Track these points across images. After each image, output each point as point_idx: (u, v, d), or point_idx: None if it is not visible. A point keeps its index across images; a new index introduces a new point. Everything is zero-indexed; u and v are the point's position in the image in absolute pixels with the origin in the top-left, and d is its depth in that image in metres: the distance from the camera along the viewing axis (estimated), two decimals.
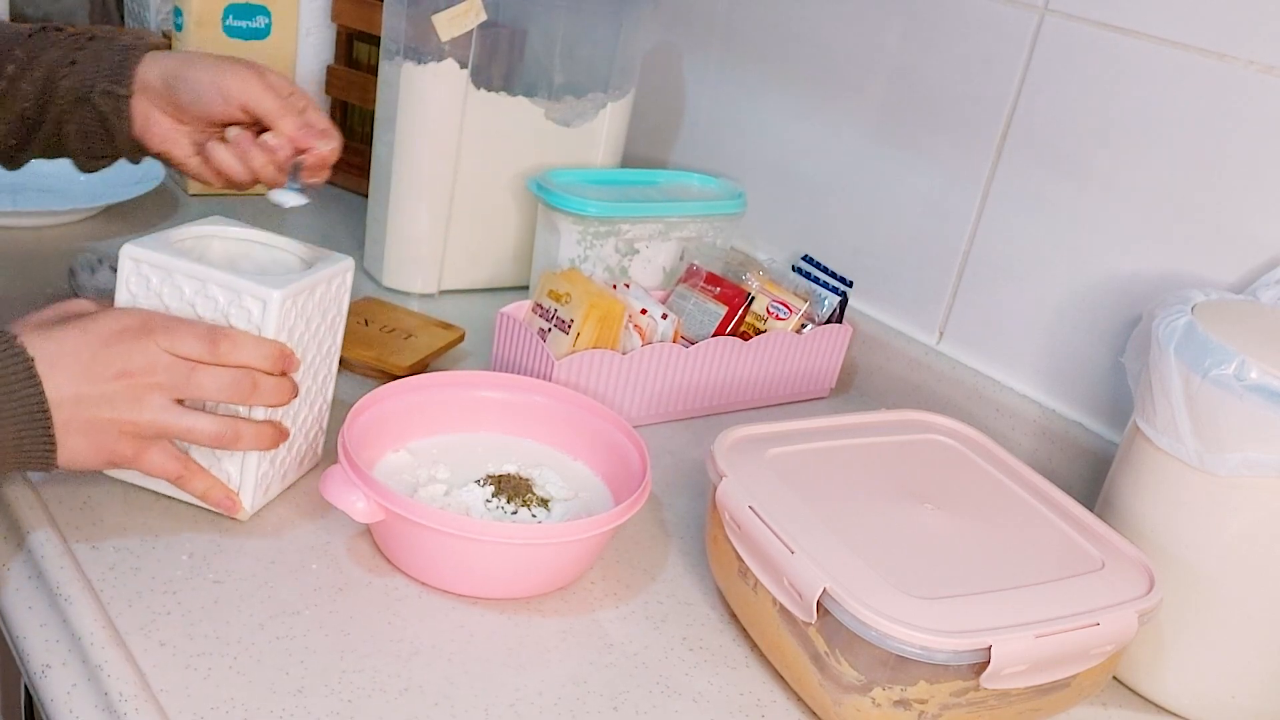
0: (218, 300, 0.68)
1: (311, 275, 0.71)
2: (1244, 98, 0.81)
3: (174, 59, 0.81)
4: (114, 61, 0.80)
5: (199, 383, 0.65)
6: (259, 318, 0.68)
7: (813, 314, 1.02)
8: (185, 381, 0.64)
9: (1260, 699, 0.70)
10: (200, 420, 0.66)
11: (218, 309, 0.68)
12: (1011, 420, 0.97)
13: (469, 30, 1.02)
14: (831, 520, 0.67)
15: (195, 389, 0.65)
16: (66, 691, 0.59)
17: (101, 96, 0.80)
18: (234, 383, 0.66)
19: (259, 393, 0.67)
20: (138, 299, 0.69)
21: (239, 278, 0.68)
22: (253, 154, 0.80)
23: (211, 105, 0.79)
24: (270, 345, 0.67)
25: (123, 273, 0.69)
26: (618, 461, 0.79)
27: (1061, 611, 0.62)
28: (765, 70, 1.18)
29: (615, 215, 1.03)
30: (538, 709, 0.62)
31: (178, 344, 0.64)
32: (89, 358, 0.62)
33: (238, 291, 0.68)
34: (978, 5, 0.98)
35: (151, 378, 0.64)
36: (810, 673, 0.64)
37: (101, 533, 0.69)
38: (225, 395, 0.66)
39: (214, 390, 0.65)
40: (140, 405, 0.64)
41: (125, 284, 0.70)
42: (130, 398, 0.63)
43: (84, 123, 0.81)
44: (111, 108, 0.80)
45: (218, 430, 0.66)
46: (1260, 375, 0.64)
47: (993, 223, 0.99)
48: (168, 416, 0.65)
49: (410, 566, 0.71)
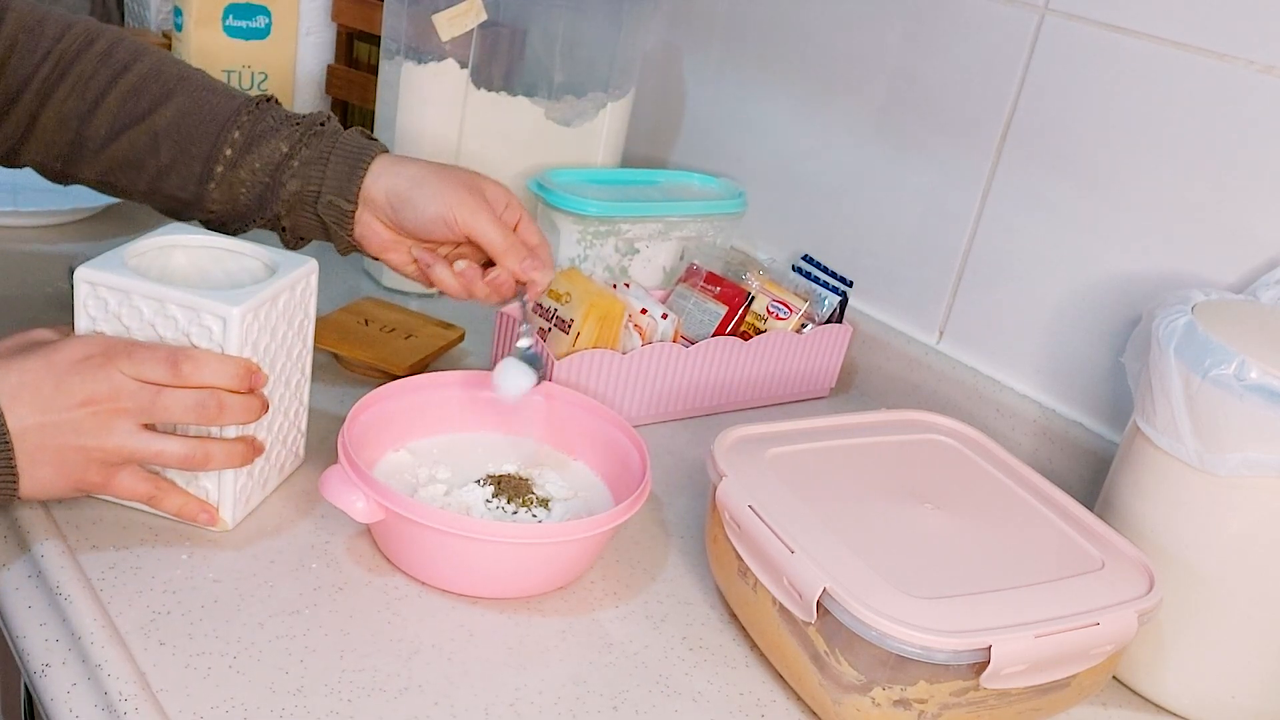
0: (177, 319, 0.66)
1: (271, 285, 0.69)
2: (1244, 98, 0.81)
3: (402, 176, 0.80)
4: (342, 173, 0.79)
5: (164, 406, 0.64)
6: (220, 335, 0.66)
7: (813, 314, 1.02)
8: (151, 405, 0.64)
9: (1260, 699, 0.70)
10: (169, 443, 0.65)
11: (178, 328, 0.66)
12: (1011, 420, 0.97)
13: (469, 30, 1.02)
14: (831, 520, 0.67)
15: (161, 413, 0.64)
16: (66, 691, 0.59)
17: (326, 207, 0.80)
18: (199, 404, 0.65)
19: (226, 412, 0.65)
20: (97, 322, 0.67)
21: (197, 295, 0.66)
22: (477, 286, 0.80)
23: (435, 232, 0.79)
24: (234, 363, 0.66)
25: (79, 297, 0.67)
26: (618, 461, 0.79)
27: (1061, 611, 0.62)
28: (766, 70, 1.18)
29: (615, 215, 1.03)
30: (538, 708, 0.62)
31: (140, 368, 0.64)
32: (52, 387, 0.62)
33: (196, 310, 0.66)
34: (978, 5, 0.98)
35: (116, 403, 0.63)
36: (810, 672, 0.64)
37: (101, 532, 0.69)
38: (192, 417, 0.65)
39: (180, 413, 0.64)
40: (107, 432, 0.63)
41: (84, 308, 0.67)
42: (96, 425, 0.63)
43: (303, 222, 0.81)
44: (334, 218, 0.80)
45: (186, 452, 0.65)
46: (1260, 375, 0.64)
47: (993, 223, 0.99)
48: (135, 442, 0.64)
49: (410, 566, 0.71)
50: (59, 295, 0.96)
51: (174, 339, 0.67)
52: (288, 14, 1.25)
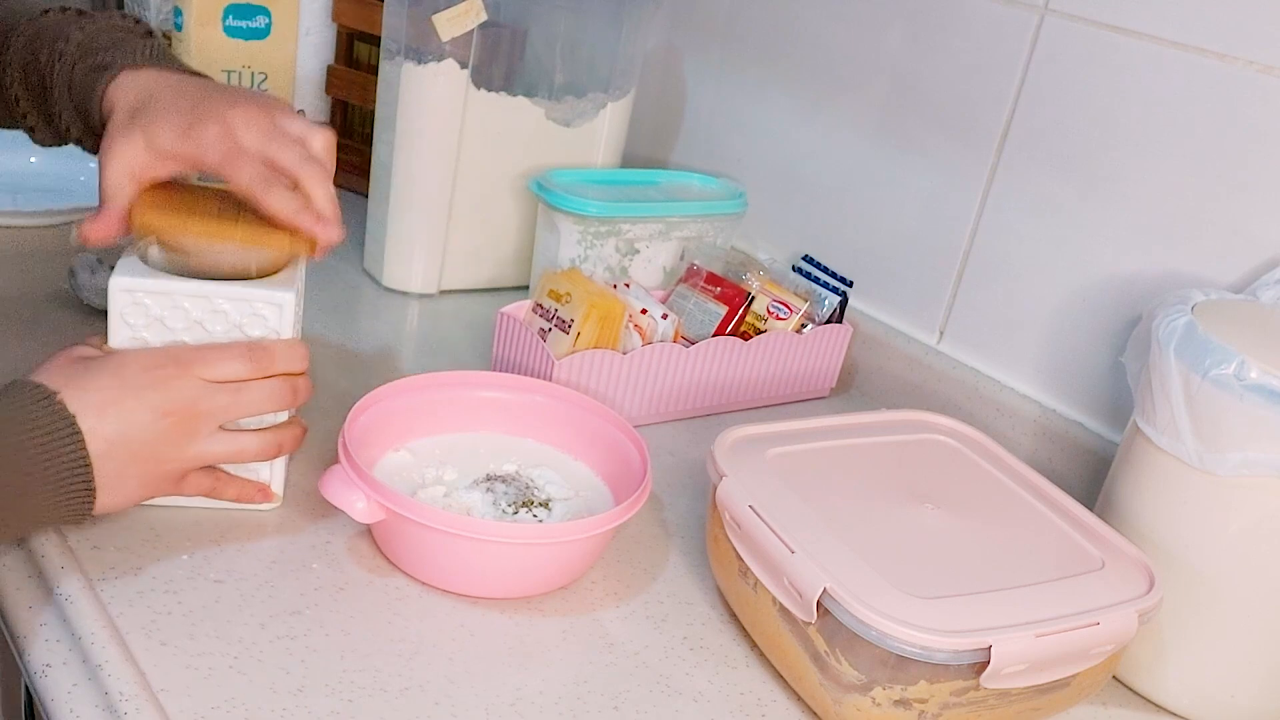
0: (228, 313, 0.67)
1: (299, 268, 0.71)
2: (1244, 98, 0.81)
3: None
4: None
5: (248, 401, 0.65)
6: (277, 322, 0.67)
7: (813, 314, 1.02)
8: (234, 404, 0.65)
9: (1260, 699, 0.70)
10: (247, 440, 0.66)
11: (229, 322, 0.67)
12: (1011, 420, 0.97)
13: (469, 30, 1.02)
14: (831, 520, 0.67)
15: (244, 408, 0.65)
16: (66, 691, 0.59)
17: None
18: (277, 392, 0.66)
19: (300, 394, 0.67)
20: (138, 330, 0.67)
21: (247, 287, 0.67)
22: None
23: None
24: (299, 346, 0.68)
25: (116, 308, 0.66)
26: (618, 461, 0.79)
27: (1061, 611, 0.62)
28: (766, 70, 1.18)
29: (615, 215, 1.04)
30: (538, 708, 0.62)
31: (218, 369, 0.64)
32: (133, 403, 0.62)
33: (249, 300, 0.67)
34: (978, 5, 0.98)
35: (196, 409, 0.63)
36: (810, 672, 0.64)
37: (102, 532, 0.69)
38: (271, 406, 0.66)
39: (263, 404, 0.66)
40: (190, 440, 0.64)
41: (121, 318, 0.66)
42: (180, 434, 0.63)
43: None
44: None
45: (262, 445, 0.67)
46: (1260, 375, 0.64)
47: (993, 223, 0.99)
48: (217, 445, 0.65)
49: (411, 566, 0.71)
50: (59, 295, 0.96)
51: (224, 334, 0.67)
52: (288, 14, 1.24)
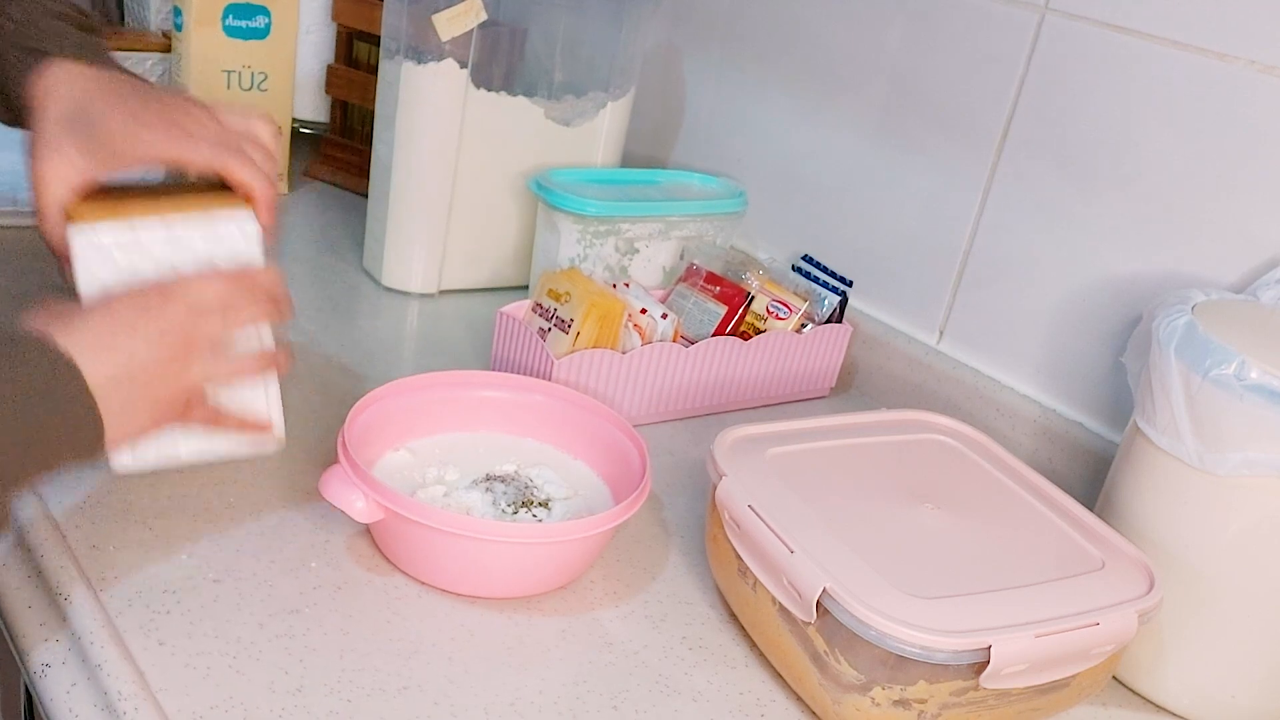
0: (195, 247, 0.64)
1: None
2: (1244, 98, 0.81)
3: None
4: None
5: (237, 317, 0.64)
6: (245, 249, 0.65)
7: (813, 313, 1.02)
8: (225, 321, 0.64)
9: (1260, 699, 0.70)
10: (243, 358, 0.66)
11: (197, 255, 0.64)
12: (1011, 420, 0.97)
13: (469, 30, 1.02)
14: (831, 520, 0.67)
15: (237, 322, 0.64)
16: (66, 691, 0.59)
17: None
18: (263, 304, 0.66)
19: (286, 302, 0.67)
20: (103, 281, 0.63)
21: (207, 215, 0.64)
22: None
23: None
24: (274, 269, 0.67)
25: (82, 259, 0.63)
26: (618, 461, 0.79)
27: (1061, 611, 0.62)
28: (766, 70, 1.18)
29: (615, 215, 1.04)
30: (537, 708, 0.62)
31: (202, 293, 0.63)
32: (127, 336, 0.61)
33: (212, 224, 0.64)
34: (978, 5, 0.98)
35: (190, 330, 0.62)
36: (810, 672, 0.64)
37: (101, 532, 0.69)
38: (262, 316, 0.65)
39: (256, 314, 0.65)
40: (189, 362, 0.63)
41: (87, 269, 0.63)
42: (178, 358, 0.62)
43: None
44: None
45: (261, 360, 0.66)
46: (1260, 375, 0.64)
47: (993, 223, 0.99)
48: (215, 366, 0.64)
49: (410, 566, 0.71)
50: (59, 295, 0.96)
51: (194, 268, 0.64)
52: (288, 14, 1.24)
